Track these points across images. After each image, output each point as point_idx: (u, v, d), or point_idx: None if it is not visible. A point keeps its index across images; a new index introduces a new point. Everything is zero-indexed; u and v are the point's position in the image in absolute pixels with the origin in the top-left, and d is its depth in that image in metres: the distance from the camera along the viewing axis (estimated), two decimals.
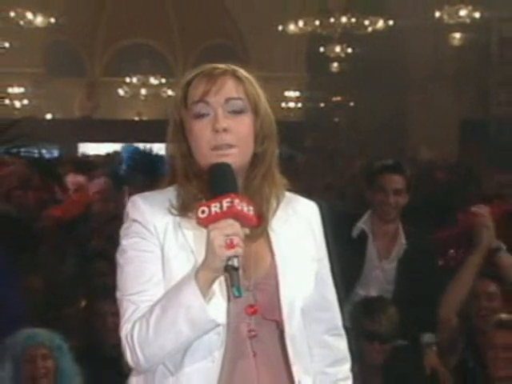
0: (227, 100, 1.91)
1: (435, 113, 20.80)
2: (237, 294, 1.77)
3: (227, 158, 1.89)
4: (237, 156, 1.91)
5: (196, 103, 1.91)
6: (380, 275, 4.22)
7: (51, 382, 3.43)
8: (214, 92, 1.90)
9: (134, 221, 1.97)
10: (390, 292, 4.20)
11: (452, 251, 5.39)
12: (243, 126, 1.92)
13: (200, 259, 1.85)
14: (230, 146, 1.90)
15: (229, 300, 1.86)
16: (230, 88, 1.91)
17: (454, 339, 3.99)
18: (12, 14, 20.41)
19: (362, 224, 4.25)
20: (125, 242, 1.97)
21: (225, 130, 1.89)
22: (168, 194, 1.99)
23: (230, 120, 1.90)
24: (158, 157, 7.85)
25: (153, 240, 1.95)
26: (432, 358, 4.11)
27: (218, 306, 1.82)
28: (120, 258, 1.97)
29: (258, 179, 1.98)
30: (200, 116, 1.91)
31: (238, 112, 1.92)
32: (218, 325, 1.83)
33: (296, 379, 1.97)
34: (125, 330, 1.89)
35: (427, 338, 4.14)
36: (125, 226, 1.99)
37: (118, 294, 1.95)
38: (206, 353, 1.89)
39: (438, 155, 16.21)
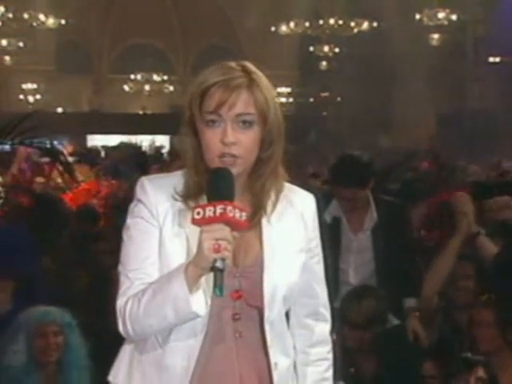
0: (238, 115, 1.89)
1: (415, 107, 20.82)
2: (218, 293, 1.76)
3: (230, 167, 1.88)
4: (240, 165, 1.90)
5: (209, 113, 1.89)
6: (356, 246, 4.19)
7: (60, 356, 3.46)
8: (227, 106, 1.88)
9: (139, 201, 1.96)
10: (368, 259, 4.17)
11: (423, 232, 5.40)
12: (250, 139, 1.90)
13: (193, 246, 1.85)
14: (235, 157, 1.88)
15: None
16: (242, 103, 1.89)
17: (433, 315, 3.99)
18: (26, 15, 20.35)
19: (332, 210, 4.17)
20: (129, 221, 1.97)
21: (232, 144, 1.88)
22: (175, 179, 1.97)
23: (239, 133, 1.89)
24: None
25: (153, 222, 1.94)
26: (414, 323, 3.98)
27: (201, 298, 1.83)
28: (124, 235, 1.97)
29: (262, 179, 1.96)
30: (212, 124, 1.90)
31: (247, 125, 1.90)
32: (199, 316, 1.84)
33: (272, 361, 1.98)
34: (119, 303, 1.91)
35: (410, 302, 4.02)
36: (132, 205, 1.99)
37: (119, 268, 1.97)
38: (190, 332, 1.91)
39: (417, 146, 16.18)
